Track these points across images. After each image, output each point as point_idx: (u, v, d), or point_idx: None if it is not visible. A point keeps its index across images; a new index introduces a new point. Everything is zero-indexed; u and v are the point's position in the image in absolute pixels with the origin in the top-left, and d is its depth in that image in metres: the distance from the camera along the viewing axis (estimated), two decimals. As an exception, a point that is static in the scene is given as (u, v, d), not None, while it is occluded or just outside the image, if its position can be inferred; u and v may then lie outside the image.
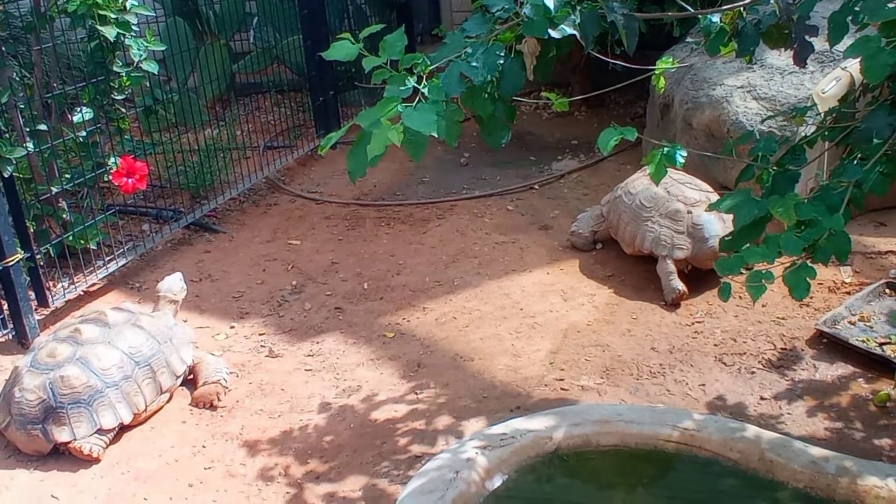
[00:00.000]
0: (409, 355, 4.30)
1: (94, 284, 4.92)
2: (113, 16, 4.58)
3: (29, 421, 3.62)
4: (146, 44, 4.76)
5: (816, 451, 3.26)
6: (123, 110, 4.84)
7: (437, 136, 2.20)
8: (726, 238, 2.84)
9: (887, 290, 4.47)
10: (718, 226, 4.72)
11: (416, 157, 2.30)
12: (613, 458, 3.41)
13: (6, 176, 4.18)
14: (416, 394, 4.00)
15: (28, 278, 4.41)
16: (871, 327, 4.21)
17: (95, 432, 3.64)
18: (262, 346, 4.49)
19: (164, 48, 4.89)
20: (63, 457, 3.66)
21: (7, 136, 4.23)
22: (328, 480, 3.47)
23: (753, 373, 3.99)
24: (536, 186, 6.16)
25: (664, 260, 4.70)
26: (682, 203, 4.80)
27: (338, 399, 4.01)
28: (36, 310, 4.51)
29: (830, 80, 5.01)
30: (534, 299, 4.73)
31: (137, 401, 3.79)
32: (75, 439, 3.61)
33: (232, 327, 4.68)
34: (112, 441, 3.73)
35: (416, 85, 2.23)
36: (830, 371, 3.97)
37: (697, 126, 5.29)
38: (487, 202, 5.97)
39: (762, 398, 3.82)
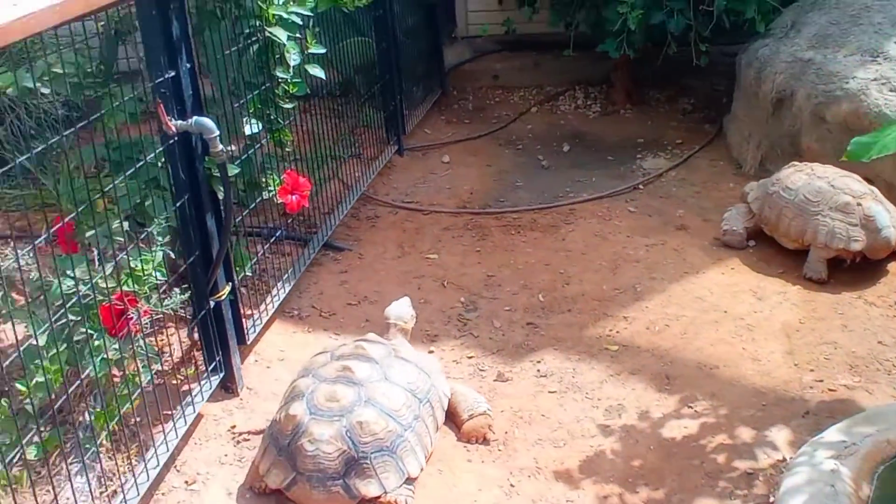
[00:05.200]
0: (648, 368, 4.10)
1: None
2: (285, 15, 4.11)
3: (329, 476, 3.17)
4: (307, 47, 4.31)
5: None
6: (282, 121, 4.35)
7: None
8: None
9: None
10: (887, 217, 4.80)
11: None
12: (958, 454, 3.36)
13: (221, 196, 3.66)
14: (691, 407, 3.81)
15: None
16: None
17: (404, 482, 3.24)
18: (480, 370, 4.16)
19: (324, 51, 4.42)
20: (361, 513, 3.24)
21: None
22: (679, 508, 3.24)
23: None
24: (641, 186, 6.06)
25: (820, 248, 4.74)
26: (849, 196, 4.83)
27: (610, 420, 3.76)
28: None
29: (960, 70, 5.20)
30: (727, 300, 4.62)
31: (426, 442, 3.41)
32: (386, 492, 3.19)
33: (431, 351, 4.31)
34: (410, 490, 3.34)
35: None
36: None
37: (832, 119, 5.34)
38: (603, 204, 5.80)
39: None
